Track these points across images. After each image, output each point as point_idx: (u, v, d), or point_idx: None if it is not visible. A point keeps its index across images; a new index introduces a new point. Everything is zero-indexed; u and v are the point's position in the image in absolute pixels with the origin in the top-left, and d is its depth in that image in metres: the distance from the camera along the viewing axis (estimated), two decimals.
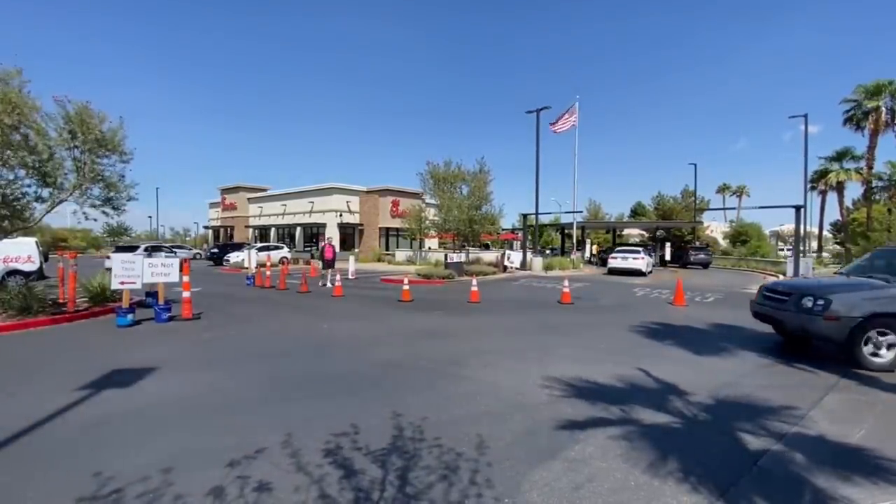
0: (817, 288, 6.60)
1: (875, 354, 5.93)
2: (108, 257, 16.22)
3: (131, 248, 22.86)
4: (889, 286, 6.28)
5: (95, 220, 10.28)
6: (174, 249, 28.07)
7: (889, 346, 5.96)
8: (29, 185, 9.01)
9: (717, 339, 7.75)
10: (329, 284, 15.50)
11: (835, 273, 9.07)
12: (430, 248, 35.96)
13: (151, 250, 21.68)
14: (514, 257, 25.58)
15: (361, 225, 39.99)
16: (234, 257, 27.15)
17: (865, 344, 5.95)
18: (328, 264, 16.45)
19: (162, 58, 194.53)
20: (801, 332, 6.53)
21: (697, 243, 35.01)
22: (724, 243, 49.74)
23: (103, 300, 10.01)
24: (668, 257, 32.54)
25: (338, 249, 36.62)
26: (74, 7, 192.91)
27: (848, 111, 30.42)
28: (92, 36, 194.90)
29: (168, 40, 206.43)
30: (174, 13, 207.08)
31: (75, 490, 2.78)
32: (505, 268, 24.30)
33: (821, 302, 6.20)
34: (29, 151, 8.41)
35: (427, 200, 27.33)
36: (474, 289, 12.62)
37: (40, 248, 14.58)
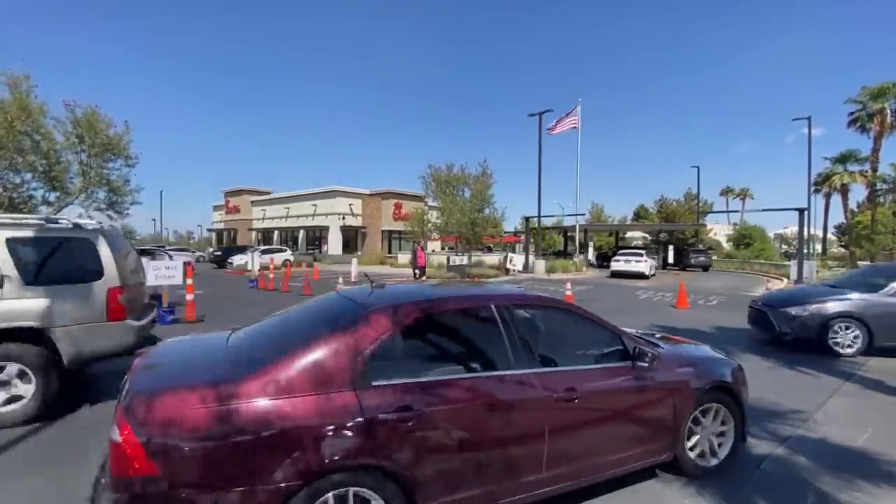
0: None
1: None
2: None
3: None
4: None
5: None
6: (169, 253, 20.67)
7: None
8: (35, 189, 9.10)
9: (720, 342, 7.68)
10: None
11: None
12: (432, 251, 35.98)
13: (141, 254, 17.66)
14: (517, 260, 25.57)
15: (364, 227, 40.04)
16: (237, 260, 27.28)
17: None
18: (423, 271, 14.25)
19: (166, 61, 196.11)
20: None
21: (700, 246, 34.93)
22: (727, 246, 49.58)
23: None
24: (670, 260, 32.49)
25: (341, 252, 37.03)
26: (77, 10, 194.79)
27: (853, 113, 30.29)
28: (95, 40, 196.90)
29: (172, 44, 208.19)
30: (178, 16, 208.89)
31: (85, 490, 2.80)
32: (507, 270, 24.27)
33: None
34: (38, 155, 8.50)
35: (429, 203, 27.36)
36: None
37: None
